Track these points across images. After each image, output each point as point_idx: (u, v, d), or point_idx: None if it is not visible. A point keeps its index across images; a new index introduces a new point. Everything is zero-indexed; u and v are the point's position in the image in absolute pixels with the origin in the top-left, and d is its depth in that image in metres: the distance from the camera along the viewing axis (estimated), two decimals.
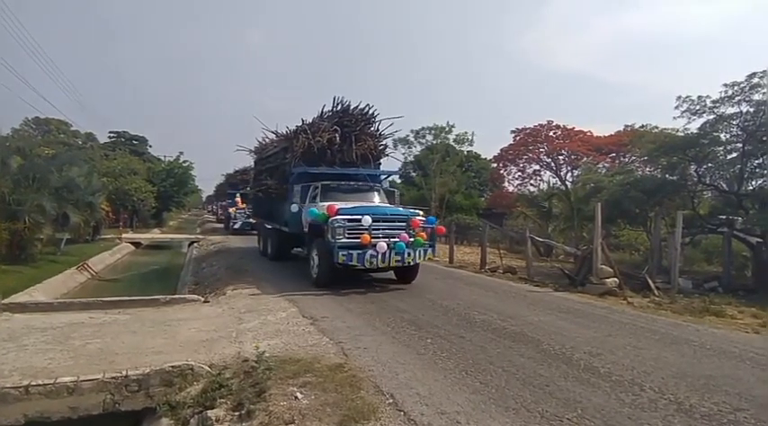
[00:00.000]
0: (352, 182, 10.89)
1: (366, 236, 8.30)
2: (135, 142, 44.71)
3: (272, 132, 13.38)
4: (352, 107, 11.39)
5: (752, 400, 3.88)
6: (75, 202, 14.91)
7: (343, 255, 8.23)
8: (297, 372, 4.25)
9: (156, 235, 27.82)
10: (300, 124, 11.44)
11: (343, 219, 8.48)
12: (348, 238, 8.43)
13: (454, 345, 5.24)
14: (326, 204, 9.11)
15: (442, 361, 4.69)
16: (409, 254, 8.60)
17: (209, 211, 56.63)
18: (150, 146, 46.64)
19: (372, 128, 11.69)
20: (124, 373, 4.34)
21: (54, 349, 5.19)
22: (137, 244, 22.88)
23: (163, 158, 40.40)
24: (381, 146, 12.01)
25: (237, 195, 26.08)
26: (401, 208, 10.07)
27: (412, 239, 8.64)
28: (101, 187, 19.11)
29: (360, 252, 8.28)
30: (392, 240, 8.51)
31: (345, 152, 11.15)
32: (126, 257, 19.81)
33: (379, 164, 12.07)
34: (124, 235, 23.00)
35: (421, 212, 9.66)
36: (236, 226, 23.71)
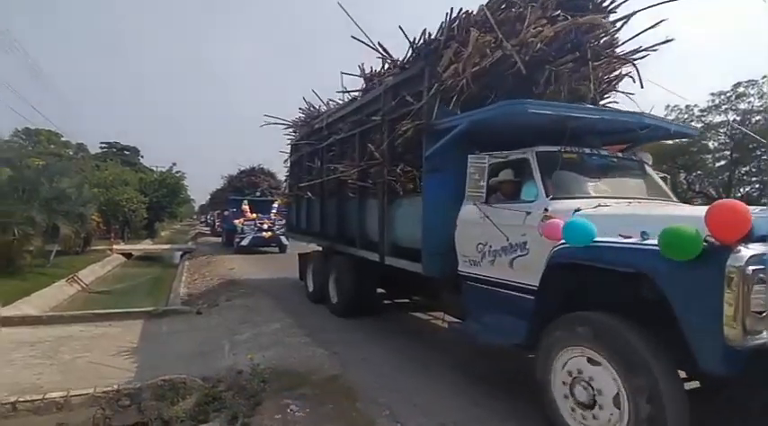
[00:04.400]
0: (602, 152, 4.57)
1: None
2: (126, 152, 44.58)
3: (379, 48, 5.90)
4: None
5: None
6: (65, 214, 14.71)
7: None
8: (292, 384, 4.19)
9: (147, 246, 27.51)
10: (452, 15, 5.02)
11: None
12: None
13: (450, 355, 5.21)
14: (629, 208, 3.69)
15: (441, 371, 4.65)
16: None
17: (201, 222, 55.25)
18: (142, 157, 46.50)
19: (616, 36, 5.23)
20: (115, 387, 4.28)
21: (43, 363, 5.10)
22: (128, 256, 22.59)
23: (155, 169, 40.20)
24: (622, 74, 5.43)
25: (245, 202, 19.97)
26: None
27: None
28: (92, 198, 18.91)
29: None
30: None
31: (569, 79, 4.86)
32: (117, 269, 19.53)
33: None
34: (115, 247, 22.69)
35: None
36: (245, 244, 17.99)
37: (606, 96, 5.57)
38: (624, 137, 4.97)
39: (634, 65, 5.13)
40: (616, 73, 5.38)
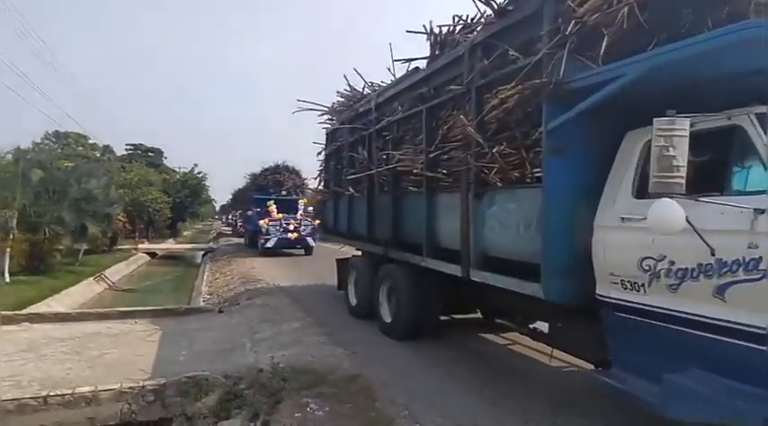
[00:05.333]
0: None
1: None
2: (151, 154, 45.49)
3: None
4: None
5: None
6: (93, 214, 15.19)
7: None
8: (312, 383, 4.22)
9: (171, 245, 28.20)
10: None
11: None
12: None
13: (470, 355, 5.18)
14: None
15: (460, 372, 4.62)
16: None
17: (223, 222, 56.04)
18: (165, 158, 47.43)
19: None
20: (141, 383, 4.38)
21: (72, 359, 5.26)
22: (152, 255, 23.18)
23: (178, 169, 41.02)
24: None
25: (271, 202, 18.76)
26: None
27: None
28: (118, 198, 19.46)
29: None
30: None
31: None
32: (142, 267, 20.07)
33: None
34: (140, 246, 23.32)
35: None
36: (270, 245, 17.15)
37: None
38: None
39: None
40: None
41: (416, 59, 5.84)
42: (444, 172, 4.89)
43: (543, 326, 4.32)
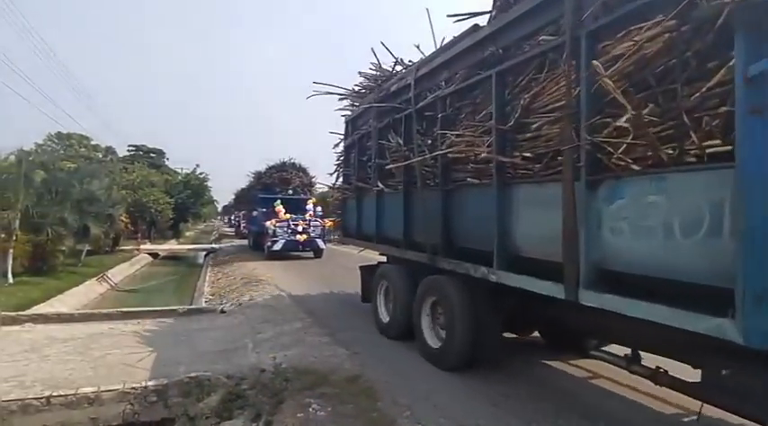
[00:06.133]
0: None
1: None
2: (153, 155, 45.65)
3: None
4: None
5: None
6: (95, 214, 15.27)
7: None
8: (313, 383, 4.23)
9: (173, 246, 28.26)
10: None
11: None
12: None
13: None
14: None
15: (462, 372, 4.62)
16: None
17: (225, 222, 55.85)
18: (167, 159, 47.57)
19: None
20: (143, 384, 4.40)
21: (75, 359, 5.27)
22: (155, 255, 23.23)
23: (180, 170, 41.12)
24: None
25: (278, 202, 17.24)
26: None
27: None
28: (120, 199, 19.56)
29: None
30: None
31: None
32: (144, 268, 20.12)
33: None
34: (142, 247, 23.39)
35: None
36: (277, 248, 15.89)
37: None
38: None
39: None
40: None
41: (478, 15, 4.40)
42: (527, 155, 3.58)
43: (672, 364, 3.25)
